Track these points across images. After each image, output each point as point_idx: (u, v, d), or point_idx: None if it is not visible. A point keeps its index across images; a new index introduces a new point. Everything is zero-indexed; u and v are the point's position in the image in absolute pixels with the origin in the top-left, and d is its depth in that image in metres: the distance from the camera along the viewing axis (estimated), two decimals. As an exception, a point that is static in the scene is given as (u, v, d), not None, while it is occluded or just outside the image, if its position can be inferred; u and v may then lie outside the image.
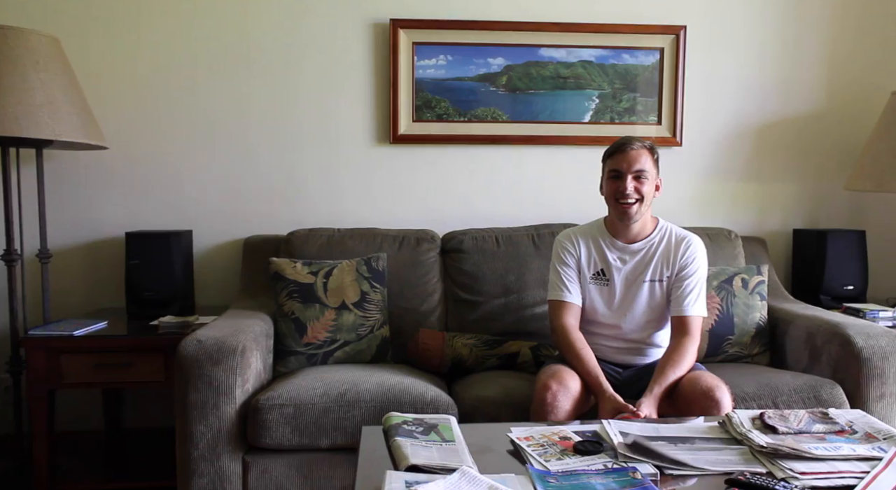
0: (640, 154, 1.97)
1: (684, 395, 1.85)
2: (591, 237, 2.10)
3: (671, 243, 2.05)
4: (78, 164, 2.70)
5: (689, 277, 2.00)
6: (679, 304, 1.99)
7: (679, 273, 2.02)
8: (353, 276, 2.31)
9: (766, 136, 2.95)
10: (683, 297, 1.99)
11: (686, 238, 2.06)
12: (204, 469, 1.89)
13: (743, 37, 2.90)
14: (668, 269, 2.03)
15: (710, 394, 1.79)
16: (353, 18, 2.76)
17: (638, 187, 1.96)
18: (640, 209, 1.99)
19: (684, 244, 2.04)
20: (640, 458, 1.34)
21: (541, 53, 2.81)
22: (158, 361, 2.24)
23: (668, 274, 2.03)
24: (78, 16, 2.65)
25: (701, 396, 1.80)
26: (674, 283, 2.02)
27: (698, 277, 2.02)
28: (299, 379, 2.04)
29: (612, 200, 2.02)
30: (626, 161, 1.96)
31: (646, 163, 1.97)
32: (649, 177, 1.98)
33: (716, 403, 1.77)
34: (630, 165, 1.96)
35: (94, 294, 2.74)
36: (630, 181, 1.96)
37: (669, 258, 2.03)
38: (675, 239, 2.05)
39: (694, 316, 1.98)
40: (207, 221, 2.77)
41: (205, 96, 2.73)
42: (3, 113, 2.17)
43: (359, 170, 2.81)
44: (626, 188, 1.95)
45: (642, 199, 1.98)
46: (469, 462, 1.31)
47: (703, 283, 2.04)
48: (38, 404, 2.20)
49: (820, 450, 1.35)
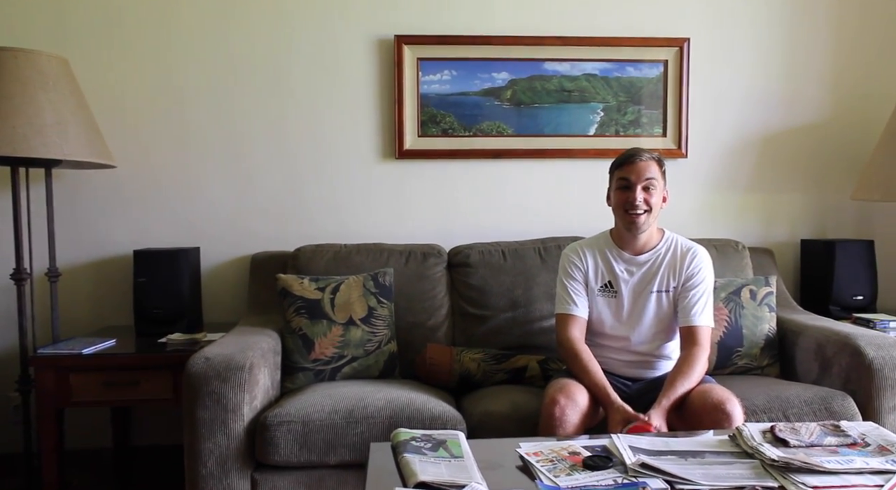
0: (650, 165, 1.99)
1: (695, 409, 1.84)
2: (597, 250, 2.11)
3: (677, 254, 2.06)
4: (86, 183, 2.72)
5: (695, 287, 2.01)
6: (686, 315, 1.99)
7: (685, 283, 2.02)
8: (360, 291, 2.31)
9: (772, 147, 2.95)
10: (690, 306, 1.99)
11: (692, 249, 2.07)
12: (213, 486, 1.89)
13: (747, 47, 2.91)
14: (675, 279, 2.03)
15: (721, 407, 1.78)
16: (357, 35, 2.78)
17: (647, 198, 1.98)
18: (648, 220, 2.00)
19: (690, 254, 2.05)
20: (650, 473, 1.33)
21: (545, 67, 2.82)
22: (167, 379, 2.25)
23: (674, 284, 2.03)
24: (86, 37, 2.68)
25: (712, 409, 1.79)
26: (680, 294, 2.03)
27: (704, 287, 2.03)
28: (307, 395, 2.03)
29: (620, 211, 2.02)
30: (636, 172, 1.98)
31: (655, 173, 1.99)
32: (658, 187, 2.00)
33: (727, 416, 1.76)
34: (640, 176, 1.98)
35: (102, 312, 2.75)
36: (640, 192, 1.97)
37: (676, 268, 2.04)
38: (681, 250, 2.06)
39: (702, 326, 1.98)
40: (215, 238, 2.78)
41: (211, 114, 2.76)
42: (12, 133, 2.20)
43: (365, 185, 2.83)
44: (636, 198, 1.97)
45: (651, 209, 1.99)
46: (478, 478, 1.30)
47: (710, 293, 2.04)
48: (47, 422, 2.21)
49: (832, 463, 1.34)
